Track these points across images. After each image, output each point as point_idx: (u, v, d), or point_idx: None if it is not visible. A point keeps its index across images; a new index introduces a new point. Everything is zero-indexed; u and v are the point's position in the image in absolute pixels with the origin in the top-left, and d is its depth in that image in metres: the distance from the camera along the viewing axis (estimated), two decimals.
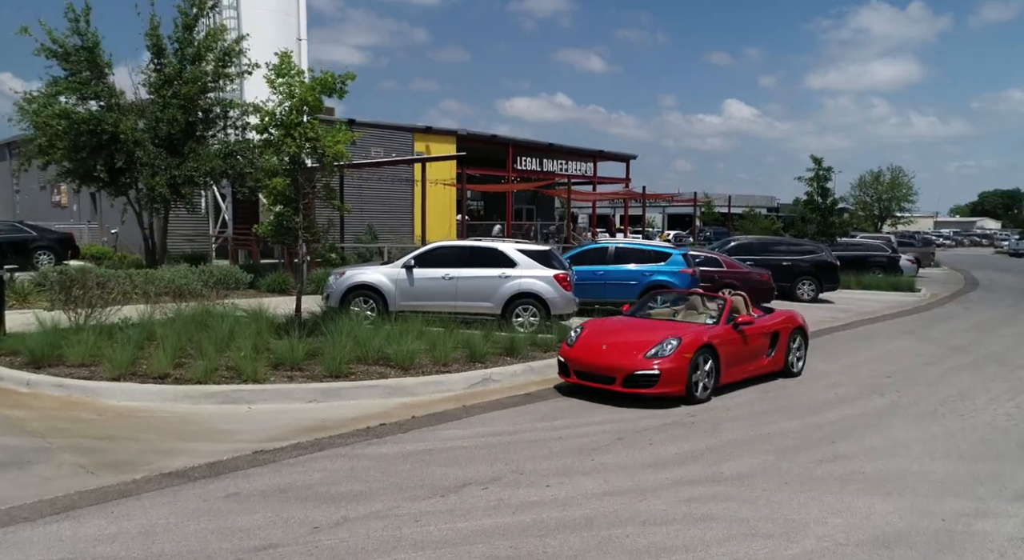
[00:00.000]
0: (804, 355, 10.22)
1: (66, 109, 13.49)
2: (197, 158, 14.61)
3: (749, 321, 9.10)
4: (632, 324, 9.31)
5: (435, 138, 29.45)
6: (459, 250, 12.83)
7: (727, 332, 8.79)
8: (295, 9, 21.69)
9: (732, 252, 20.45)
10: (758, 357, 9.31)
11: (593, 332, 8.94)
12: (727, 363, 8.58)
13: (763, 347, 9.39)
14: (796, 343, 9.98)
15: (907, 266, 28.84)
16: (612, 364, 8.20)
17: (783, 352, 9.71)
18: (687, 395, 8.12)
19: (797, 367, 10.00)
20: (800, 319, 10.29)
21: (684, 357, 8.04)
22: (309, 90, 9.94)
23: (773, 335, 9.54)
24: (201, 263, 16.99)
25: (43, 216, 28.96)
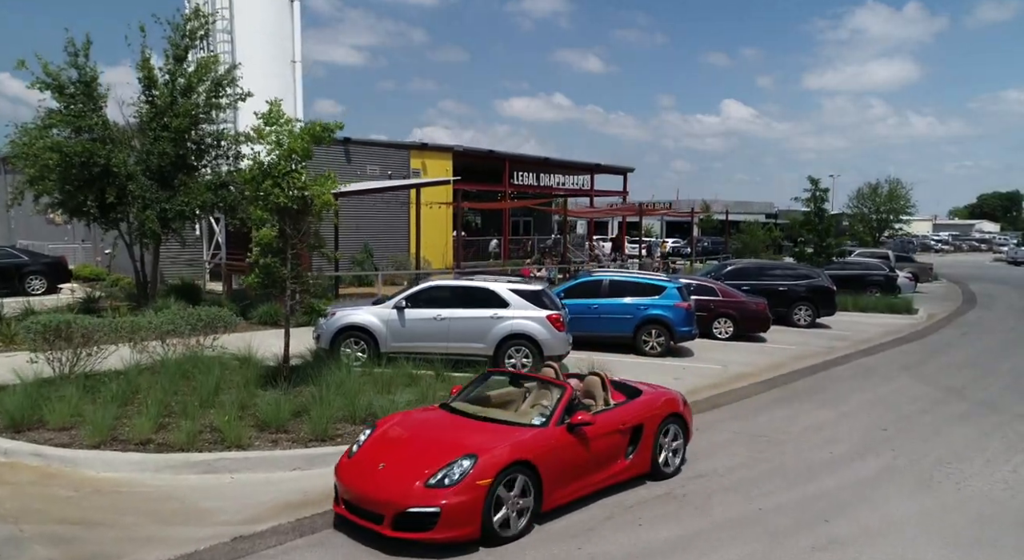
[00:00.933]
0: (684, 447, 8.06)
1: (58, 142, 13.35)
2: (188, 191, 14.47)
3: (589, 421, 6.76)
4: (438, 424, 6.91)
5: (431, 154, 29.34)
6: (451, 290, 12.69)
7: (558, 437, 6.60)
8: (289, 32, 21.55)
9: (728, 276, 20.33)
10: (610, 462, 7.13)
11: (379, 438, 6.66)
12: (556, 480, 6.44)
13: (618, 448, 7.24)
14: (670, 435, 7.82)
15: (905, 283, 28.73)
16: (382, 495, 5.93)
17: (649, 450, 7.54)
18: (484, 537, 5.91)
19: (672, 465, 7.80)
20: (678, 402, 8.16)
21: (478, 486, 5.83)
22: (298, 140, 9.80)
23: (634, 430, 7.42)
24: (192, 294, 16.87)
25: (37, 234, 28.81)
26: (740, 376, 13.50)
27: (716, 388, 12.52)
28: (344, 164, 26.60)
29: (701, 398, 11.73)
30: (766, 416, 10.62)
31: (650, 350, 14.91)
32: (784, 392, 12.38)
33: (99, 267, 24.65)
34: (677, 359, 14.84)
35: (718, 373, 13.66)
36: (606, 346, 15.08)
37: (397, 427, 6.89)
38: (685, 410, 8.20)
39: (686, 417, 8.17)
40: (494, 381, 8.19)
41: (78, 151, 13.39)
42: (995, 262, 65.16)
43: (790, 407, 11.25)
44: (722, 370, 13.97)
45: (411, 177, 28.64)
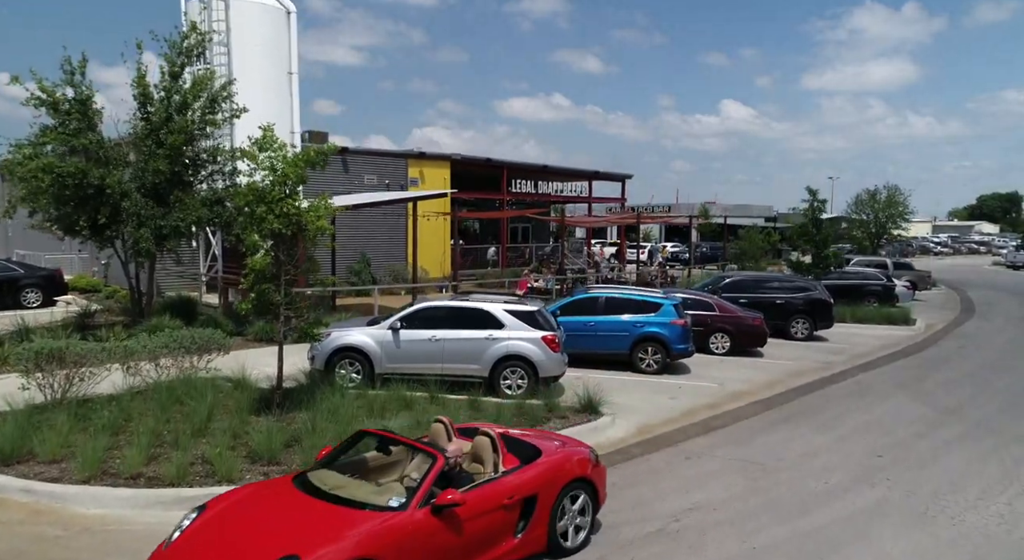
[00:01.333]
0: (591, 520, 6.80)
1: (50, 163, 13.29)
2: (183, 208, 14.42)
3: (458, 501, 5.49)
4: (274, 508, 5.63)
5: (429, 163, 29.31)
6: (446, 311, 12.64)
7: (419, 523, 5.38)
8: (286, 43, 21.48)
9: (726, 289, 20.30)
10: (493, 545, 5.90)
11: (201, 528, 5.45)
12: None
13: (504, 526, 6.00)
14: (577, 504, 6.61)
15: (903, 292, 28.73)
16: None
17: (544, 524, 6.27)
18: None
19: (574, 540, 6.55)
20: (586, 463, 6.87)
21: None
22: (292, 166, 9.76)
23: (526, 502, 6.18)
24: (188, 310, 16.82)
25: (34, 243, 28.73)
26: (736, 395, 13.46)
27: (712, 408, 12.48)
28: (341, 173, 26.57)
29: (697, 420, 11.70)
30: (761, 441, 10.57)
31: (646, 368, 14.88)
32: (780, 413, 12.33)
33: (95, 277, 24.60)
34: (673, 376, 14.80)
35: (714, 392, 13.63)
36: (603, 363, 15.06)
37: (227, 511, 5.61)
38: (595, 472, 6.93)
39: (596, 481, 6.89)
40: (370, 441, 6.79)
41: (71, 172, 13.35)
42: (994, 266, 65.11)
43: (786, 430, 11.20)
44: (718, 388, 13.93)
45: (409, 186, 28.63)
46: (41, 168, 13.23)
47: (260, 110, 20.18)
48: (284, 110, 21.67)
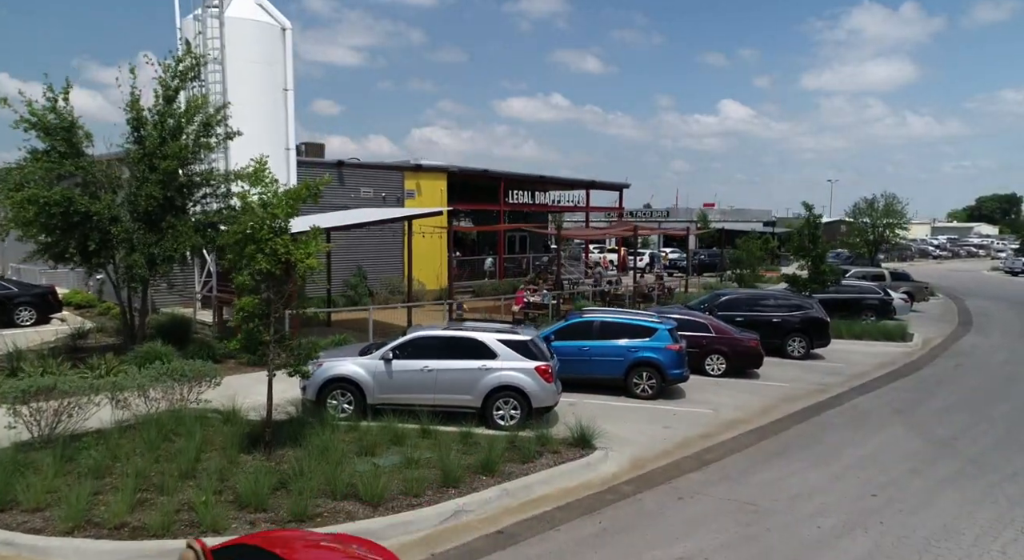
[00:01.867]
0: None
1: (35, 193, 13.18)
2: (176, 235, 14.33)
3: None
4: None
5: (425, 175, 29.22)
6: (439, 341, 12.54)
7: None
8: (281, 60, 21.39)
9: (722, 307, 20.24)
10: None
11: None
12: None
13: None
14: None
15: (900, 306, 28.61)
16: None
17: None
18: None
19: None
20: None
21: None
22: (282, 204, 9.67)
23: None
24: (181, 332, 16.72)
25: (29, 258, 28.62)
26: (731, 423, 13.37)
27: (706, 439, 12.40)
28: (337, 187, 26.46)
29: (691, 452, 11.63)
30: (756, 478, 10.48)
31: (641, 393, 14.80)
32: (775, 444, 12.24)
33: (90, 293, 24.51)
34: (668, 402, 14.72)
35: (709, 419, 13.54)
36: (597, 388, 14.99)
37: None
38: None
39: None
40: None
41: (56, 201, 13.25)
42: (992, 271, 64.94)
43: (780, 465, 11.11)
44: (713, 415, 13.86)
45: (405, 198, 28.55)
46: (27, 199, 13.14)
47: (254, 127, 20.22)
48: (279, 127, 21.63)
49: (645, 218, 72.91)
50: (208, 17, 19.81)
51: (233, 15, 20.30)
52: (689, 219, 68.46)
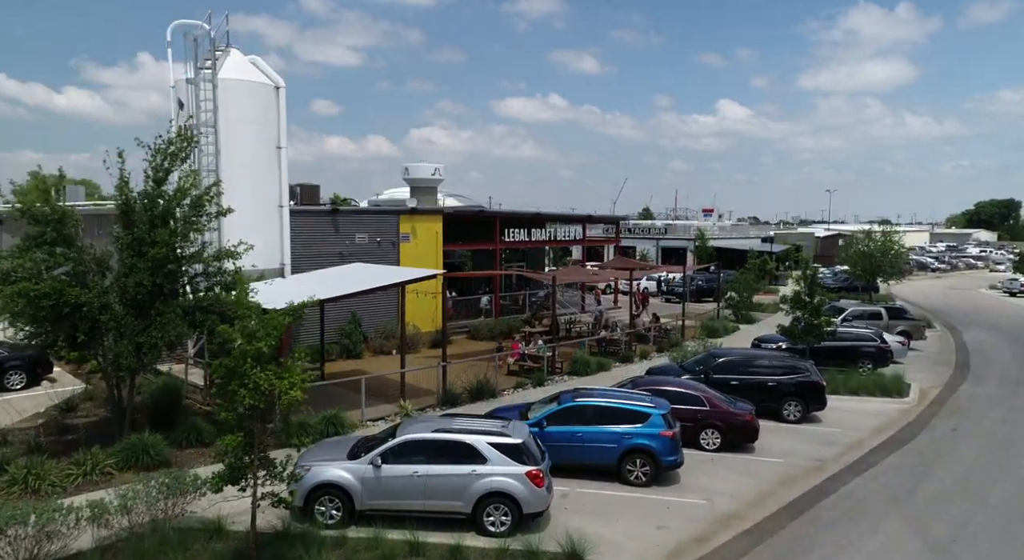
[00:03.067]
0: None
1: (25, 287, 13.06)
2: (164, 323, 14.18)
3: None
4: None
5: (421, 218, 29.11)
6: (429, 444, 12.39)
7: None
8: (274, 119, 21.27)
9: (718, 370, 20.13)
10: None
11: None
12: None
13: None
14: None
15: (898, 349, 28.59)
16: None
17: None
18: None
19: None
20: None
21: None
22: (265, 337, 9.53)
23: None
24: (171, 410, 16.59)
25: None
26: (726, 519, 13.25)
27: (701, 543, 12.28)
28: (332, 234, 26.37)
29: None
30: None
31: (635, 480, 14.67)
32: (771, 550, 12.11)
33: None
34: (662, 490, 14.57)
35: (703, 514, 13.42)
36: (591, 473, 14.85)
37: None
38: None
39: None
40: None
41: (46, 293, 13.13)
42: (990, 290, 64.73)
43: None
44: (707, 507, 13.74)
45: (400, 242, 28.45)
46: (16, 293, 13.01)
47: (248, 187, 20.17)
48: (272, 185, 21.52)
49: (644, 235, 72.92)
50: (201, 81, 19.68)
51: (226, 77, 20.19)
52: (687, 237, 68.30)
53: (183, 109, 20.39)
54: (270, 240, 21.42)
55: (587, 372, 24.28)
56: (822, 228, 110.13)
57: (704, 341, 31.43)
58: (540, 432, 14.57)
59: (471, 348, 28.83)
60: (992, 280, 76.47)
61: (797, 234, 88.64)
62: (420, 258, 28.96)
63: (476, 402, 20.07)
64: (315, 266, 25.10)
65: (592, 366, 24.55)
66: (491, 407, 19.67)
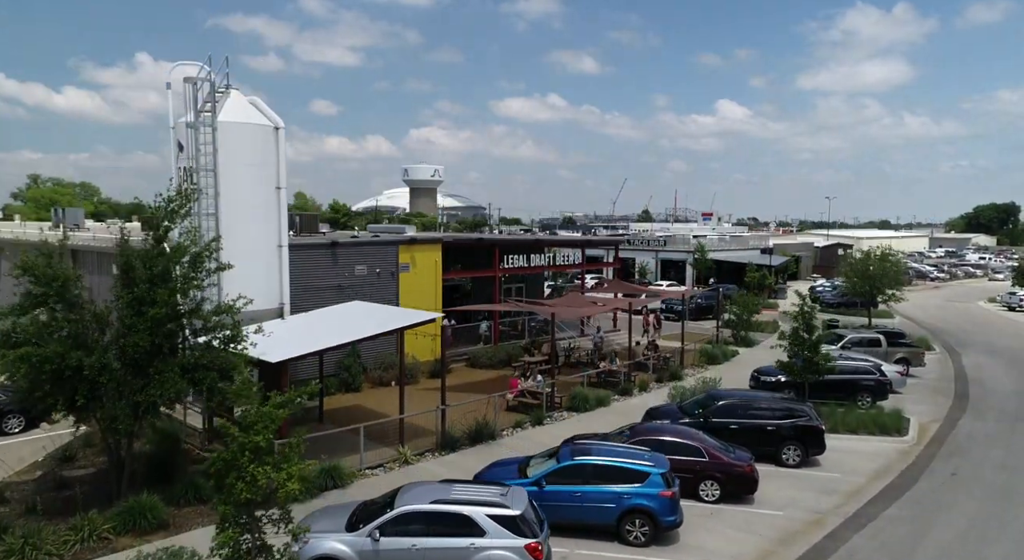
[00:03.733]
0: None
1: (27, 352, 13.08)
2: (162, 381, 14.15)
3: None
4: None
5: (420, 247, 29.11)
6: (426, 516, 12.38)
7: None
8: (274, 160, 21.26)
9: (717, 413, 20.10)
10: None
11: None
12: None
13: None
14: None
15: (896, 379, 28.60)
16: None
17: None
18: None
19: None
20: None
21: None
22: (264, 430, 9.50)
23: None
24: (170, 464, 16.56)
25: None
26: None
27: None
28: (331, 266, 26.35)
29: None
30: None
31: (634, 540, 14.66)
32: None
33: None
34: (661, 549, 14.56)
35: None
36: (589, 533, 14.84)
37: None
38: None
39: None
40: None
41: (48, 357, 13.14)
42: (990, 304, 64.66)
43: None
44: None
45: (400, 271, 28.43)
46: (19, 358, 13.03)
47: (247, 228, 20.21)
48: (271, 224, 21.51)
49: (643, 247, 72.89)
50: (201, 125, 19.65)
51: (226, 120, 20.18)
52: (687, 249, 68.29)
53: (183, 152, 20.38)
54: (269, 280, 21.43)
55: (586, 408, 24.27)
56: (822, 237, 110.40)
57: (703, 369, 31.49)
58: (539, 492, 14.59)
59: (470, 377, 28.85)
60: (991, 290, 76.53)
61: (796, 244, 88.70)
62: (419, 288, 28.99)
63: (475, 445, 20.06)
64: (314, 299, 25.12)
65: (591, 402, 24.53)
66: (490, 450, 19.73)
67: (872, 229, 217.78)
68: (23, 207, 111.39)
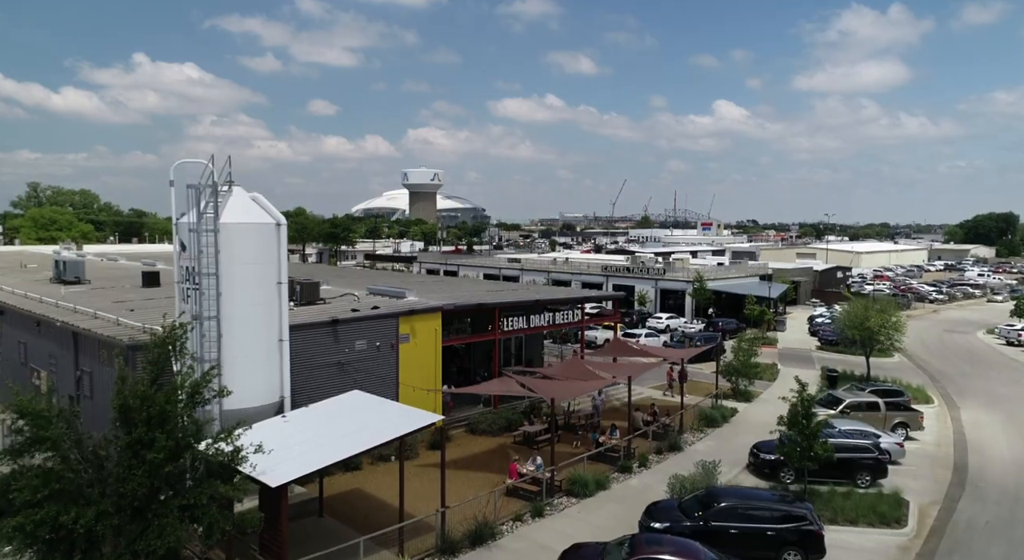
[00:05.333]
0: None
1: (21, 522, 13.08)
2: (161, 526, 14.13)
3: None
4: None
5: (419, 318, 29.15)
6: None
7: None
8: (275, 257, 21.29)
9: (716, 517, 20.13)
10: None
11: None
12: None
13: None
14: None
15: (895, 450, 28.72)
16: None
17: None
18: None
19: None
20: None
21: None
22: None
23: None
24: None
25: None
26: None
27: None
28: (331, 343, 26.37)
29: None
30: None
31: None
32: None
33: None
34: None
35: None
36: None
37: None
38: None
39: None
40: None
41: (43, 520, 13.14)
42: (988, 336, 64.68)
43: None
44: None
45: (399, 343, 28.48)
46: (14, 528, 13.03)
47: (248, 325, 20.27)
48: (272, 320, 21.54)
49: (642, 275, 72.94)
50: (203, 230, 19.66)
51: (229, 221, 20.19)
52: (687, 279, 68.36)
53: (185, 251, 20.41)
54: (270, 375, 21.47)
55: (586, 493, 24.26)
56: (821, 252, 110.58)
57: (703, 434, 31.55)
58: None
59: (470, 447, 28.89)
60: (989, 317, 76.80)
61: (795, 269, 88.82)
62: (419, 359, 29.07)
63: (476, 548, 20.08)
64: (314, 378, 25.20)
65: (591, 485, 24.51)
66: (491, 555, 19.77)
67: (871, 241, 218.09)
68: (22, 221, 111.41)
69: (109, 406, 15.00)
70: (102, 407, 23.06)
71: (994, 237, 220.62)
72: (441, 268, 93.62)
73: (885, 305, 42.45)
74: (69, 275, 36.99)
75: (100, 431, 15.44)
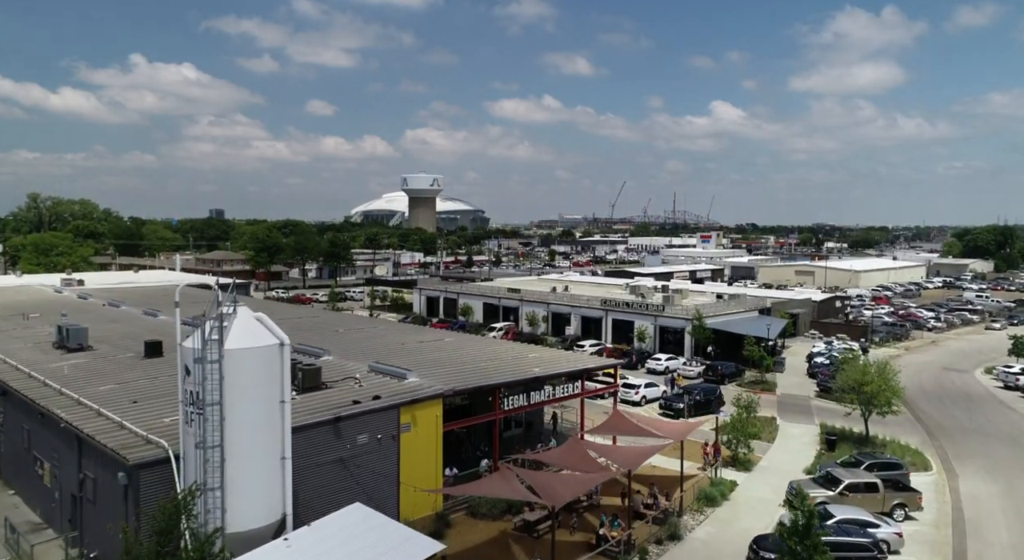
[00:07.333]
0: None
1: None
2: None
3: None
4: None
5: (420, 406, 29.23)
6: None
7: None
8: (278, 375, 21.38)
9: None
10: None
11: None
12: None
13: None
14: None
15: (894, 540, 28.86)
16: None
17: None
18: None
19: None
20: None
21: None
22: None
23: None
24: None
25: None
26: None
27: None
28: (333, 440, 26.47)
29: None
30: None
31: None
32: None
33: None
34: None
35: None
36: None
37: None
38: None
39: None
40: None
41: None
42: (986, 376, 64.70)
43: None
44: None
45: (401, 433, 28.60)
46: None
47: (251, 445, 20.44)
48: (274, 437, 21.61)
49: (642, 311, 73.01)
50: (207, 361, 19.77)
51: (233, 347, 20.28)
52: (686, 316, 68.45)
53: (190, 376, 20.52)
54: (271, 493, 21.54)
55: None
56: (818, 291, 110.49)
57: (702, 516, 31.64)
58: None
59: (471, 535, 28.92)
60: (987, 348, 77.08)
61: (794, 301, 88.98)
62: (420, 447, 29.17)
63: None
64: (315, 477, 25.26)
65: None
66: None
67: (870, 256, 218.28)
68: (24, 242, 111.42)
69: (110, 515, 15.12)
70: (104, 514, 23.22)
71: (992, 250, 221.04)
72: (441, 295, 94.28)
73: (881, 367, 42.45)
74: (72, 342, 37.13)
75: (100, 538, 15.54)
